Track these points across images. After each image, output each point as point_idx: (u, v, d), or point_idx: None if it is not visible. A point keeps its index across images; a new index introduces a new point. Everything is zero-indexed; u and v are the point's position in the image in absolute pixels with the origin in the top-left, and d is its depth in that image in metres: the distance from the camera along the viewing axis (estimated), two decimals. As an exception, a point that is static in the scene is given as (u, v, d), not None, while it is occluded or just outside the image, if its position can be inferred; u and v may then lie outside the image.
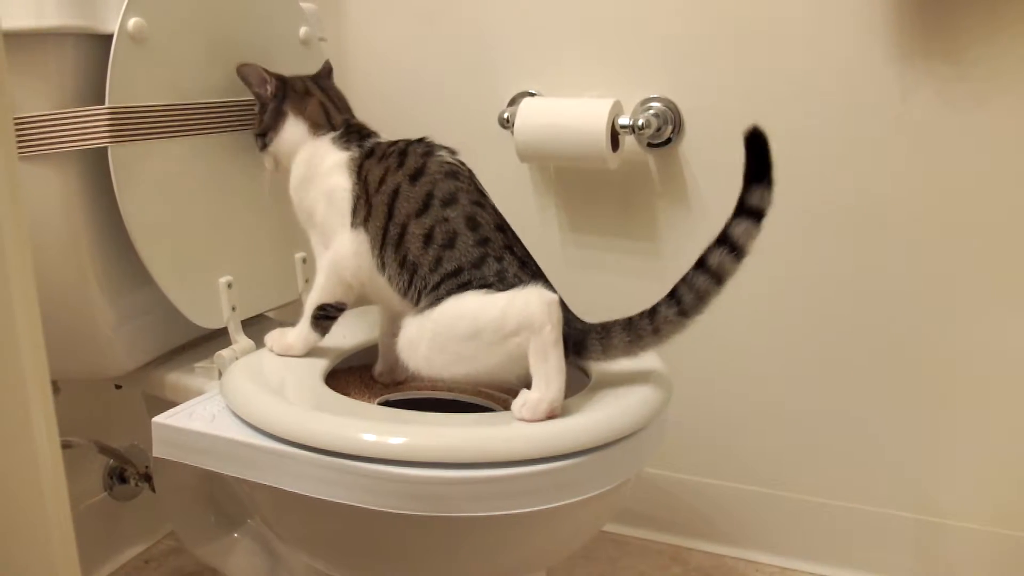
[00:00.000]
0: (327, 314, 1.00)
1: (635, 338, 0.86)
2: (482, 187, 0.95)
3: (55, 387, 1.16)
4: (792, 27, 1.22)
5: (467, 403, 1.02)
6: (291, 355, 1.01)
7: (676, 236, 1.35)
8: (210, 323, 1.05)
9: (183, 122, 1.02)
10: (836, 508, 1.34)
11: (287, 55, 1.15)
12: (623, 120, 1.26)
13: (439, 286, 0.89)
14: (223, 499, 1.21)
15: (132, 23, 0.94)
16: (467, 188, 0.92)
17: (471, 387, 1.02)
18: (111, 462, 1.39)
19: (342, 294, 0.99)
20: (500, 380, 0.91)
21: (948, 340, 1.23)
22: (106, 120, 0.92)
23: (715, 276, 0.83)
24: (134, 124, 0.95)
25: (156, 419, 0.92)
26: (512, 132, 1.32)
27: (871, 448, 1.31)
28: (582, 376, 0.97)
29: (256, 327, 1.11)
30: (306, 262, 1.19)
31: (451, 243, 0.89)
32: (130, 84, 0.94)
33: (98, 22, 0.93)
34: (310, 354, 1.01)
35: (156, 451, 0.92)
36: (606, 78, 1.34)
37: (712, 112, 1.29)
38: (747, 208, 0.83)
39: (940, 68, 1.17)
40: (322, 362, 1.01)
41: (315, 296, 1.00)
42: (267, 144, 1.04)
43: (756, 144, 0.83)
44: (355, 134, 1.02)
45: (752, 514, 1.40)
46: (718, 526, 1.43)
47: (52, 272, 0.97)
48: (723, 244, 0.83)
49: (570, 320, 0.90)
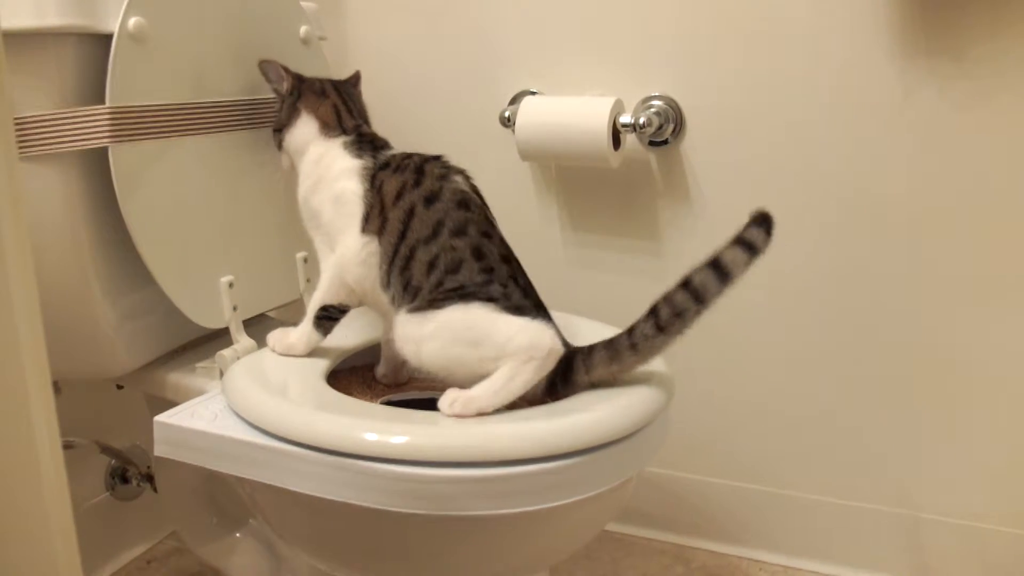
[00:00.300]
0: (330, 315, 1.00)
1: (615, 355, 0.88)
2: (492, 217, 0.96)
3: (56, 387, 1.16)
4: (794, 25, 1.22)
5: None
6: (293, 355, 1.01)
7: (677, 235, 1.35)
8: (211, 323, 1.05)
9: (184, 122, 1.01)
10: (838, 506, 1.34)
11: (288, 54, 1.15)
12: (624, 119, 1.26)
13: (438, 291, 0.90)
14: (225, 499, 1.21)
15: (132, 23, 0.94)
16: (477, 219, 0.93)
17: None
18: (113, 462, 1.39)
19: (345, 297, 0.99)
20: (470, 383, 0.90)
21: (950, 340, 1.23)
22: (107, 120, 0.92)
23: (696, 295, 0.83)
24: (135, 124, 0.95)
25: (158, 418, 0.92)
26: (513, 131, 1.32)
27: (873, 447, 1.31)
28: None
29: (257, 327, 1.11)
30: (307, 261, 1.19)
31: (456, 269, 0.90)
32: (131, 84, 0.94)
33: (98, 22, 0.93)
34: (311, 354, 1.01)
35: (158, 451, 0.92)
36: (607, 77, 1.34)
37: (714, 110, 1.29)
38: (744, 240, 0.83)
39: (942, 66, 1.16)
40: (323, 362, 1.01)
41: (318, 297, 1.00)
42: (283, 140, 1.04)
43: (763, 221, 0.84)
44: (368, 143, 1.02)
45: (755, 513, 1.40)
46: (721, 525, 1.43)
47: (53, 272, 0.97)
48: (712, 267, 0.83)
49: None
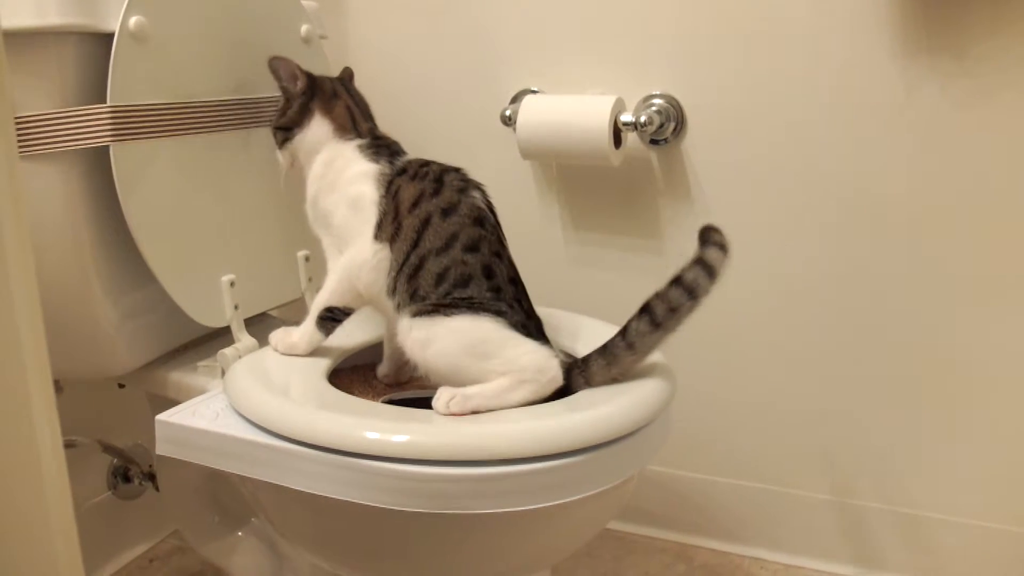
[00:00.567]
0: (333, 316, 1.00)
1: (612, 359, 0.89)
2: (503, 237, 0.96)
3: (58, 386, 1.16)
4: (795, 23, 1.22)
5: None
6: (295, 354, 1.01)
7: (678, 233, 1.35)
8: (213, 322, 1.05)
9: (185, 121, 1.01)
10: (840, 505, 1.34)
11: (289, 53, 1.15)
12: (625, 117, 1.26)
13: (446, 299, 0.90)
14: (227, 498, 1.21)
15: (133, 22, 0.94)
16: (490, 237, 0.93)
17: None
18: (115, 461, 1.39)
19: (351, 300, 0.99)
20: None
21: (951, 339, 1.23)
22: (108, 119, 0.92)
23: (688, 291, 0.86)
24: (136, 123, 0.95)
25: (159, 417, 0.92)
26: (514, 129, 1.32)
27: (874, 445, 1.31)
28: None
29: (259, 325, 1.11)
30: (309, 260, 1.19)
31: (465, 284, 0.90)
32: (131, 83, 0.94)
33: (99, 21, 0.93)
34: (313, 353, 1.01)
35: (159, 449, 0.92)
36: (608, 75, 1.33)
37: (715, 109, 1.29)
38: (713, 242, 0.88)
39: (944, 64, 1.16)
40: (325, 361, 1.00)
41: (323, 297, 0.99)
42: (289, 139, 1.02)
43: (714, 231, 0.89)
44: (385, 148, 1.01)
45: (756, 511, 1.40)
46: (722, 523, 1.43)
47: (54, 271, 0.97)
48: (699, 265, 0.87)
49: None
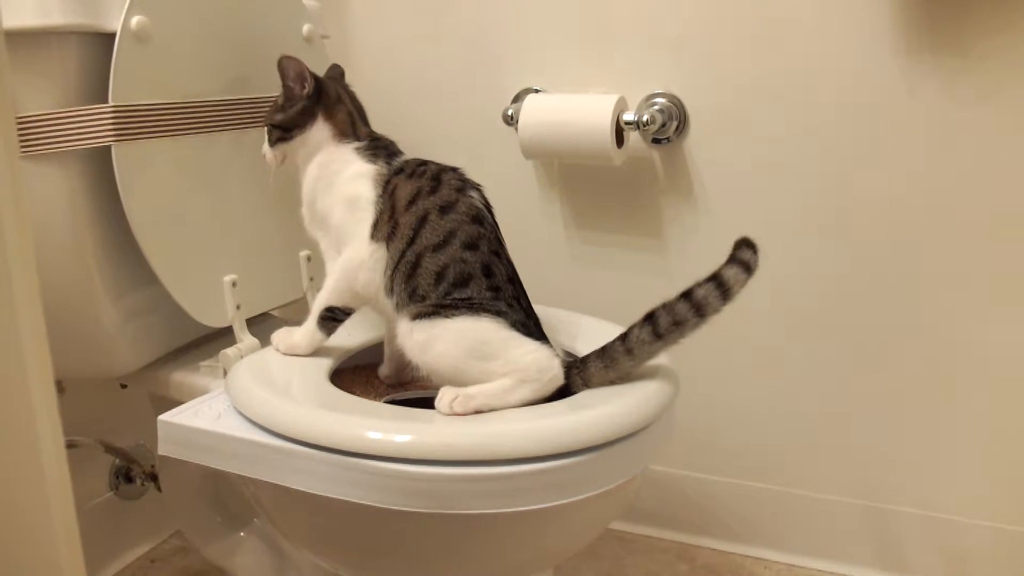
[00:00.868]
0: (334, 316, 1.00)
1: (611, 363, 0.89)
2: (501, 237, 0.96)
3: (60, 386, 1.16)
4: (797, 22, 1.22)
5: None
6: (296, 354, 1.01)
7: (681, 232, 1.34)
8: (215, 322, 1.05)
9: (187, 121, 1.01)
10: (843, 505, 1.34)
11: (290, 52, 1.15)
12: (628, 116, 1.25)
13: (446, 300, 0.90)
14: (229, 498, 1.21)
15: (135, 22, 0.94)
16: (489, 236, 0.93)
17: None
18: (117, 461, 1.39)
19: (350, 300, 0.99)
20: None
21: (954, 339, 1.23)
22: (110, 119, 0.92)
23: (696, 308, 0.85)
24: (138, 123, 0.95)
25: (161, 417, 0.92)
26: (516, 129, 1.31)
27: (877, 445, 1.30)
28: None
29: (260, 325, 1.11)
30: (311, 260, 1.19)
31: (465, 283, 0.90)
32: (133, 83, 0.94)
33: (101, 21, 0.93)
34: (315, 353, 1.01)
35: (161, 449, 0.92)
36: (610, 74, 1.33)
37: (717, 108, 1.28)
38: (739, 260, 0.86)
39: (947, 62, 1.16)
40: (327, 361, 1.00)
41: (324, 298, 0.99)
42: (286, 140, 1.01)
43: (749, 244, 0.88)
44: (382, 149, 1.01)
45: (759, 511, 1.40)
46: (725, 523, 1.42)
47: (56, 271, 0.97)
48: (714, 283, 0.85)
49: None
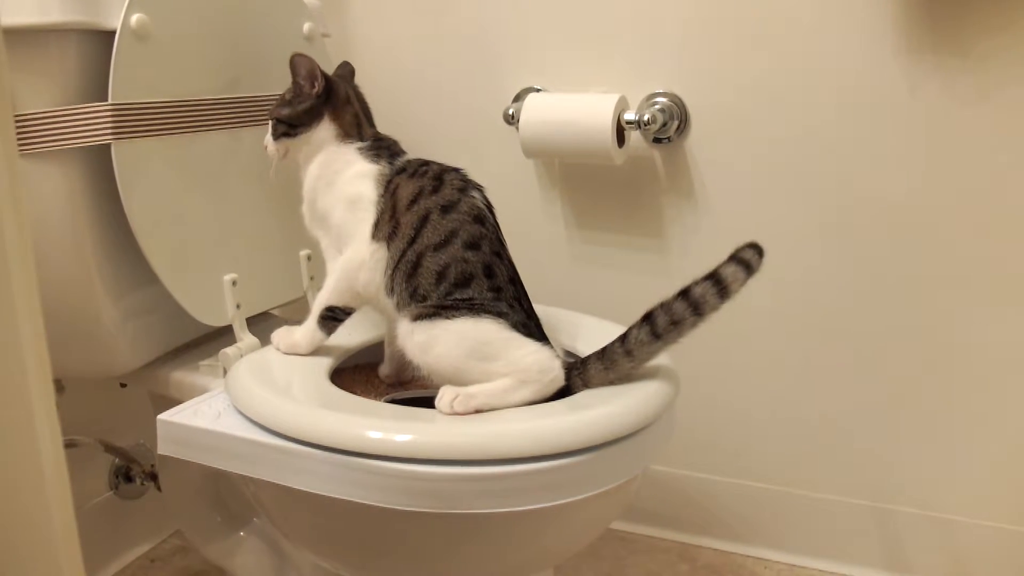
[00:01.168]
0: (334, 316, 1.00)
1: (610, 364, 0.89)
2: (503, 237, 0.96)
3: (59, 386, 1.16)
4: (798, 21, 1.21)
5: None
6: (296, 353, 1.00)
7: (681, 232, 1.34)
8: (215, 321, 1.05)
9: (187, 119, 1.01)
10: (843, 505, 1.34)
11: (290, 51, 1.15)
12: (629, 115, 1.25)
13: (446, 300, 0.90)
14: (229, 497, 1.20)
15: (135, 19, 0.93)
16: (490, 237, 0.93)
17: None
18: (117, 461, 1.39)
19: (350, 300, 0.99)
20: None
21: (956, 340, 1.23)
22: (109, 117, 0.92)
23: (694, 306, 0.84)
24: (137, 121, 0.95)
25: (161, 416, 0.92)
26: (517, 128, 1.31)
27: (878, 445, 1.30)
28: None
29: (261, 325, 1.11)
30: (311, 259, 1.19)
31: (466, 283, 0.90)
32: (133, 81, 0.94)
33: (101, 18, 0.93)
34: (315, 352, 1.01)
35: (161, 449, 0.92)
36: (611, 73, 1.33)
37: (718, 107, 1.28)
38: (740, 259, 0.85)
39: (948, 61, 1.16)
40: (327, 360, 1.00)
41: (324, 297, 0.99)
42: (290, 135, 1.01)
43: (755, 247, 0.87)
44: (385, 149, 1.01)
45: (760, 511, 1.40)
46: (726, 523, 1.42)
47: (56, 270, 0.97)
48: (711, 280, 0.85)
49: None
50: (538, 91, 1.36)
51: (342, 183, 0.99)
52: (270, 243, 1.15)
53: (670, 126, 1.30)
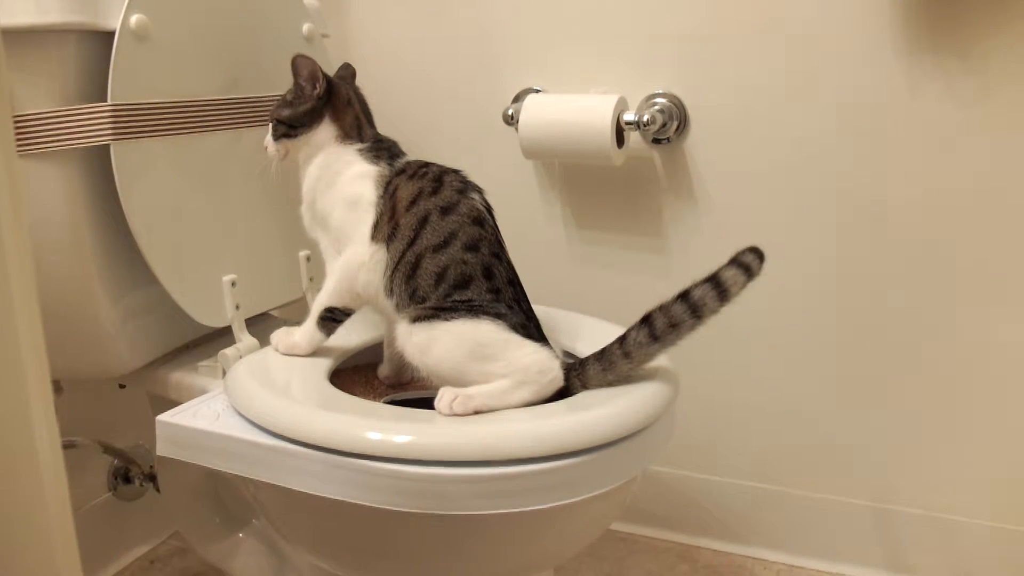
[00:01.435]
0: (334, 317, 1.00)
1: (609, 366, 0.89)
2: (502, 239, 0.96)
3: (58, 387, 1.16)
4: (798, 22, 1.21)
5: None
6: (296, 354, 1.00)
7: (681, 232, 1.34)
8: (214, 322, 1.05)
9: (186, 120, 1.01)
10: (843, 505, 1.34)
11: (290, 52, 1.15)
12: (628, 116, 1.25)
13: (446, 302, 0.90)
14: (228, 498, 1.20)
15: (134, 20, 0.93)
16: (490, 238, 0.93)
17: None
18: (115, 462, 1.39)
19: (350, 301, 0.99)
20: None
21: (955, 339, 1.23)
22: (108, 118, 0.92)
23: (693, 309, 0.84)
24: (137, 121, 0.95)
25: (160, 417, 0.92)
26: (516, 129, 1.31)
27: (878, 445, 1.30)
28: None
29: (260, 325, 1.11)
30: (310, 260, 1.19)
31: (465, 285, 0.90)
32: (132, 81, 0.94)
33: (100, 19, 0.93)
34: (314, 353, 1.01)
35: (160, 450, 0.92)
36: (611, 74, 1.33)
37: (718, 108, 1.28)
38: (740, 262, 0.85)
39: (948, 62, 1.16)
40: (326, 361, 1.00)
41: (324, 298, 0.99)
42: (290, 136, 1.01)
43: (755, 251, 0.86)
44: (384, 150, 1.01)
45: (760, 512, 1.39)
46: (726, 524, 1.42)
47: (55, 271, 0.97)
48: (711, 283, 0.84)
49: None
50: (537, 92, 1.36)
51: (342, 184, 0.98)
52: (269, 244, 1.15)
53: (669, 127, 1.29)
